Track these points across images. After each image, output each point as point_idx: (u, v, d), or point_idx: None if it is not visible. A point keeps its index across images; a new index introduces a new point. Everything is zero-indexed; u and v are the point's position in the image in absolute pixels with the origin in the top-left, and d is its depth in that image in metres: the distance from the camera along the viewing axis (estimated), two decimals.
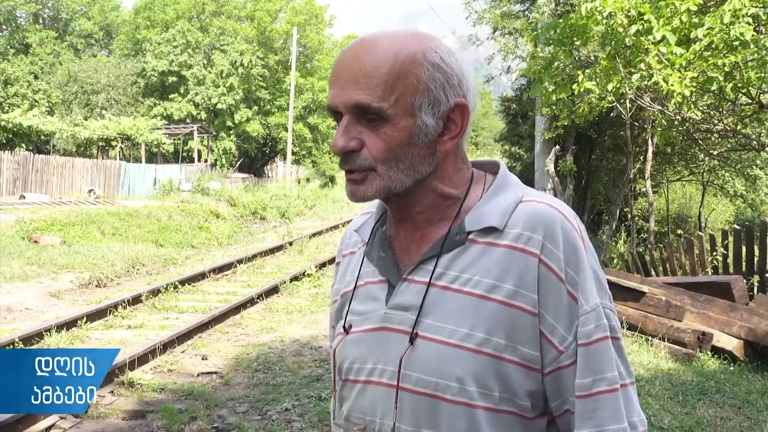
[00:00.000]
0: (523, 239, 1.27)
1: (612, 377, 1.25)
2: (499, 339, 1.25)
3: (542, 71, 9.81)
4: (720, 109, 10.18)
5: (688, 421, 6.08)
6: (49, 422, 5.90)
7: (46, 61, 54.25)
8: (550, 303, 1.25)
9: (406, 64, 1.27)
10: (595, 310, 1.26)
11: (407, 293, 1.34)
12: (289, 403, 6.51)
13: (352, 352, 1.42)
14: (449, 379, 1.26)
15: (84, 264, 13.15)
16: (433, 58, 1.28)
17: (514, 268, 1.26)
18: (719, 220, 24.87)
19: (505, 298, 1.26)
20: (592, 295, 1.27)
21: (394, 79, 1.26)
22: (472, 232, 1.31)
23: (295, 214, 26.53)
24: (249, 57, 48.64)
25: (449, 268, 1.30)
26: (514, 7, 20.15)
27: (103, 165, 29.54)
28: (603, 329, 1.26)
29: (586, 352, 1.25)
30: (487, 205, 1.32)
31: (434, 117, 1.28)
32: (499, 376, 1.25)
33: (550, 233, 1.26)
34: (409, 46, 1.28)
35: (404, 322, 1.33)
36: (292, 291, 12.24)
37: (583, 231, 1.32)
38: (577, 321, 1.26)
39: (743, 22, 7.46)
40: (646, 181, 15.80)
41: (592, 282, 1.28)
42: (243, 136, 49.92)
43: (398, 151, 1.28)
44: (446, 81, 1.28)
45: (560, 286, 1.25)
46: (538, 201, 1.31)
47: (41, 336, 8.32)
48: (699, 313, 8.73)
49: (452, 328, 1.27)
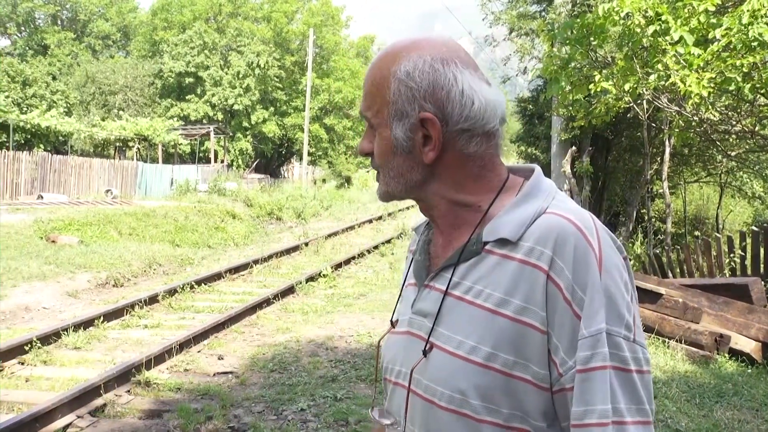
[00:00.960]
0: (534, 254, 1.23)
1: (602, 410, 1.16)
2: (507, 355, 1.22)
3: (559, 71, 9.78)
4: (738, 110, 10.10)
5: (705, 424, 6.05)
6: (66, 421, 5.94)
7: (64, 63, 54.60)
8: (556, 322, 1.20)
9: (382, 77, 1.33)
10: (595, 335, 1.18)
11: (427, 300, 1.35)
12: (304, 404, 6.52)
13: (388, 353, 1.47)
14: (452, 389, 1.25)
15: (101, 264, 13.22)
16: (399, 73, 1.31)
17: (523, 283, 1.23)
18: (737, 222, 24.70)
19: (514, 313, 1.22)
20: (596, 320, 1.18)
21: (375, 91, 1.34)
22: (489, 242, 1.29)
23: (311, 215, 26.57)
24: (265, 58, 48.74)
25: (465, 278, 1.30)
26: (531, 8, 20.09)
27: (120, 165, 29.69)
28: (602, 358, 1.17)
29: (581, 380, 1.18)
30: (507, 216, 1.29)
31: (403, 129, 1.31)
32: (509, 393, 1.23)
33: (561, 249, 1.21)
34: (390, 59, 1.33)
35: (422, 328, 1.34)
36: (307, 291, 12.26)
37: (609, 251, 1.24)
38: (576, 345, 1.19)
39: (762, 23, 7.41)
40: (663, 183, 15.71)
41: (602, 305, 1.19)
42: (259, 137, 50.03)
43: (386, 158, 1.35)
44: (411, 95, 1.30)
45: (566, 305, 1.20)
46: (559, 214, 1.26)
47: (58, 335, 8.38)
48: (716, 315, 8.68)
49: (460, 339, 1.27)
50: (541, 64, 13.46)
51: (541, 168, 1.39)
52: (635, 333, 1.21)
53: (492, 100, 1.31)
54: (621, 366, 1.18)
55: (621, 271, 1.24)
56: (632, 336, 1.20)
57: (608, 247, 1.24)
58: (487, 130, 1.31)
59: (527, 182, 1.35)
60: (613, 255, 1.24)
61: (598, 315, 1.18)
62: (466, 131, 1.30)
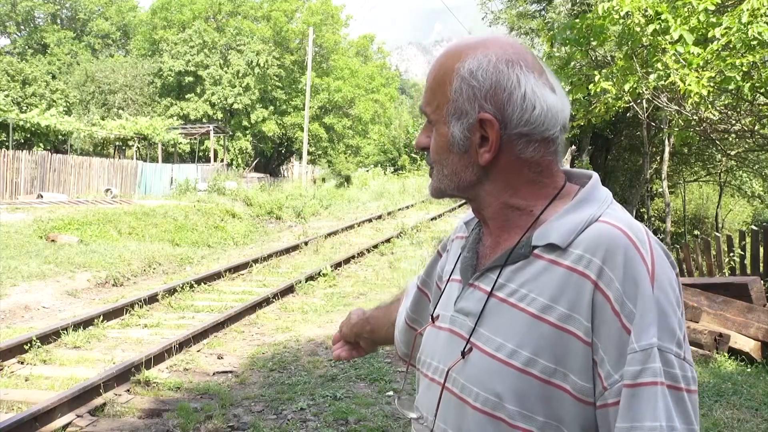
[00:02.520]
0: (583, 262, 1.20)
1: (651, 427, 1.12)
2: (547, 362, 1.20)
3: (558, 71, 9.79)
4: (737, 109, 10.11)
5: (704, 423, 6.04)
6: (66, 420, 5.94)
7: (63, 61, 54.66)
8: (603, 334, 1.17)
9: (445, 74, 1.32)
10: (646, 350, 1.14)
11: (471, 299, 1.34)
12: (304, 403, 6.52)
13: (427, 347, 1.46)
14: (488, 392, 1.24)
15: (101, 263, 13.22)
16: (462, 71, 1.29)
17: (569, 290, 1.20)
18: (736, 221, 24.73)
19: (558, 320, 1.20)
20: (647, 334, 1.15)
21: (435, 87, 1.33)
22: (538, 246, 1.27)
23: (310, 214, 26.53)
24: (265, 57, 48.75)
25: (510, 280, 1.28)
26: (530, 8, 20.12)
27: (120, 164, 29.69)
28: (653, 373, 1.14)
29: (629, 395, 1.14)
30: (558, 221, 1.27)
31: (461, 128, 1.30)
32: (546, 401, 1.21)
33: (612, 259, 1.18)
34: (455, 56, 1.31)
35: (464, 327, 1.33)
36: (307, 291, 12.26)
37: (662, 264, 1.21)
38: (625, 358, 1.15)
39: (761, 22, 7.42)
40: (663, 182, 15.73)
41: (654, 320, 1.16)
42: (259, 136, 50.05)
43: (442, 155, 1.34)
44: (473, 94, 1.28)
45: (614, 317, 1.16)
46: (611, 223, 1.23)
47: (58, 334, 8.38)
48: (716, 315, 8.68)
49: (501, 342, 1.25)
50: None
51: None
52: (685, 351, 1.19)
53: (554, 107, 1.29)
54: (673, 384, 1.15)
55: (674, 286, 1.22)
56: (683, 353, 1.18)
57: (661, 260, 1.22)
58: (546, 137, 1.29)
59: (582, 189, 1.32)
60: (667, 269, 1.22)
61: (650, 329, 1.15)
62: (524, 136, 1.28)
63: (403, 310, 1.77)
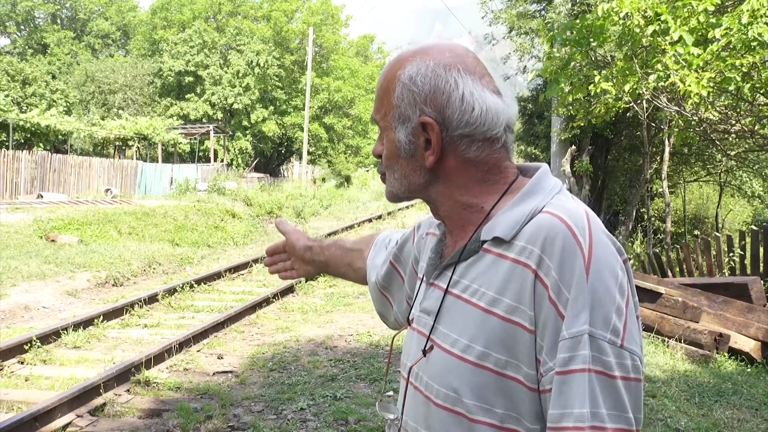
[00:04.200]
0: (525, 253, 1.22)
1: (579, 414, 1.13)
2: (499, 355, 1.22)
3: (558, 72, 9.79)
4: (737, 109, 10.11)
5: (704, 423, 6.05)
6: (66, 420, 5.94)
7: (63, 61, 54.67)
8: (542, 321, 1.18)
9: (388, 81, 1.36)
10: (576, 337, 1.15)
11: (431, 297, 1.38)
12: (304, 403, 6.52)
13: (404, 348, 1.49)
14: (447, 387, 1.28)
15: (101, 263, 13.23)
16: (403, 77, 1.33)
17: (514, 282, 1.22)
18: (737, 221, 24.71)
19: (505, 313, 1.22)
20: (578, 321, 1.15)
21: (382, 95, 1.38)
22: (486, 241, 1.30)
23: (310, 214, 26.55)
24: (265, 57, 48.74)
25: (463, 276, 1.31)
26: (530, 7, 20.09)
27: (120, 164, 29.70)
28: (583, 360, 1.14)
29: (560, 382, 1.16)
30: (504, 215, 1.29)
31: (405, 133, 1.34)
32: (503, 393, 1.22)
33: (550, 248, 1.20)
34: (398, 64, 1.36)
35: (426, 326, 1.37)
36: (307, 291, 12.27)
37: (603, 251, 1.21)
38: (557, 346, 1.17)
39: (761, 23, 7.42)
40: (663, 182, 15.72)
41: (585, 306, 1.16)
42: (259, 136, 50.03)
43: (391, 160, 1.38)
44: (413, 99, 1.32)
45: (550, 305, 1.18)
46: (552, 213, 1.24)
47: (58, 335, 8.38)
48: (716, 315, 8.69)
49: (455, 337, 1.28)
50: (541, 63, 13.46)
51: None
52: (624, 338, 1.17)
53: (494, 107, 1.30)
54: (603, 371, 1.15)
55: (615, 272, 1.20)
56: (619, 341, 1.17)
57: (602, 247, 1.21)
58: (489, 137, 1.31)
59: (531, 180, 1.34)
60: (608, 255, 1.21)
61: (581, 316, 1.16)
62: (466, 136, 1.30)
63: (374, 270, 1.82)
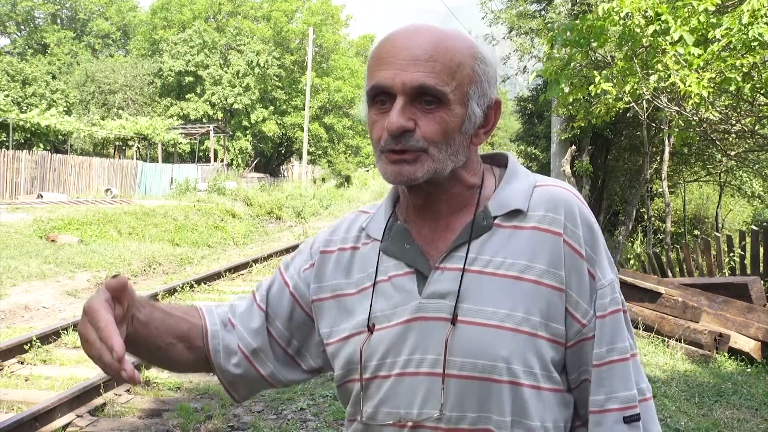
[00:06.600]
0: (547, 220, 1.35)
1: (623, 347, 1.35)
2: (535, 317, 1.31)
3: (559, 72, 9.78)
4: (738, 109, 10.11)
5: (704, 423, 6.05)
6: (66, 420, 5.94)
7: (63, 61, 54.64)
8: (574, 280, 1.33)
9: (465, 55, 1.35)
10: (610, 284, 1.36)
11: (442, 281, 1.35)
12: (304, 403, 6.52)
13: (382, 348, 1.38)
14: (495, 359, 1.29)
15: (101, 263, 13.22)
16: (484, 54, 1.38)
17: (542, 248, 1.34)
18: (737, 221, 24.68)
19: (537, 277, 1.32)
20: (606, 271, 1.37)
21: (455, 67, 1.32)
22: (498, 216, 1.38)
23: (310, 214, 26.58)
24: (265, 57, 48.73)
25: (481, 252, 1.35)
26: (530, 7, 20.06)
27: (120, 164, 29.70)
28: (616, 302, 1.36)
29: (602, 324, 1.34)
30: (506, 191, 1.40)
31: (480, 108, 1.37)
32: (537, 354, 1.31)
33: (571, 214, 1.36)
34: (465, 40, 1.37)
35: (441, 309, 1.33)
36: None
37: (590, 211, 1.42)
38: (595, 295, 1.35)
39: (762, 23, 7.42)
40: (663, 182, 15.70)
41: (606, 259, 1.38)
42: (259, 136, 50.02)
43: (450, 136, 1.33)
44: (492, 77, 1.39)
45: (582, 263, 1.34)
46: (553, 185, 1.41)
47: (58, 334, 8.38)
48: (716, 315, 8.68)
49: (492, 309, 1.31)
50: (541, 63, 13.46)
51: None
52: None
53: None
54: (624, 308, 1.38)
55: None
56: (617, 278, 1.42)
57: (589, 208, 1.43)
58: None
59: (509, 163, 1.48)
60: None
61: (608, 267, 1.38)
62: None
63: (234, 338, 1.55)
